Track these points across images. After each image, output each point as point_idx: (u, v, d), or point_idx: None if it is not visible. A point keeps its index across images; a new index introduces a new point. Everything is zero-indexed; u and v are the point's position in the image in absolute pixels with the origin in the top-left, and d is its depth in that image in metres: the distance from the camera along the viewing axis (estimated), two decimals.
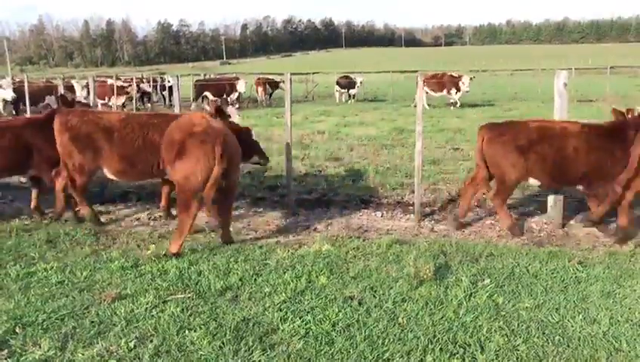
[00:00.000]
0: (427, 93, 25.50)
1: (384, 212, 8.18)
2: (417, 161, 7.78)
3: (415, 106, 24.22)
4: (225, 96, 27.69)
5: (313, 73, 42.29)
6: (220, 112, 7.30)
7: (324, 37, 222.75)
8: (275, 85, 31.87)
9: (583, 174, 6.86)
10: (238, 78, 28.81)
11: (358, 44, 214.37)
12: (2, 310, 4.86)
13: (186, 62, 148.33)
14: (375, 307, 4.86)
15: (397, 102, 28.96)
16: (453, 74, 26.72)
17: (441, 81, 26.01)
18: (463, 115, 21.53)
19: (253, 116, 23.04)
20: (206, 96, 27.52)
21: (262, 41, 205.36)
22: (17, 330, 4.50)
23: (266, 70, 51.05)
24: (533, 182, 7.17)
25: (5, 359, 4.06)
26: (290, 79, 8.07)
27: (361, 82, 31.43)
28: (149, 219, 8.10)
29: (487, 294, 5.09)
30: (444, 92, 25.93)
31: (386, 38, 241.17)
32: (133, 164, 7.15)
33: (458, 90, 25.46)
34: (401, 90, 34.14)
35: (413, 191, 8.20)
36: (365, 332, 4.41)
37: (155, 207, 8.52)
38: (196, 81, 30.24)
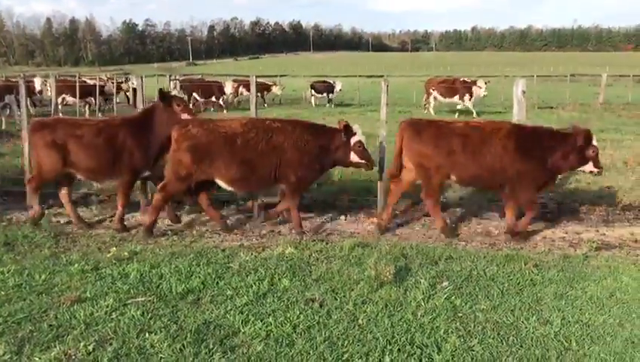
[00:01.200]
0: (436, 98, 25.04)
1: (348, 215, 8.26)
2: (380, 165, 7.90)
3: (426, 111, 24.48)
4: (214, 98, 27.94)
5: (280, 76, 42.34)
6: (347, 129, 7.19)
7: (292, 40, 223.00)
8: (266, 88, 31.81)
9: (503, 178, 7.08)
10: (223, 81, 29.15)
11: (326, 48, 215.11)
12: None
13: (152, 63, 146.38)
14: (336, 309, 4.92)
15: (363, 107, 29.17)
16: (466, 79, 25.66)
17: (453, 87, 24.88)
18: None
19: (220, 116, 22.95)
20: (195, 98, 27.64)
21: (229, 43, 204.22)
22: None
23: (234, 72, 50.85)
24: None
25: None
26: (256, 82, 8.08)
27: (340, 88, 31.52)
28: (110, 221, 8.01)
29: (446, 296, 5.21)
30: (456, 98, 24.61)
31: (354, 42, 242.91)
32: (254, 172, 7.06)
33: (471, 96, 24.14)
34: (367, 94, 34.35)
35: (376, 196, 8.30)
36: (325, 333, 4.48)
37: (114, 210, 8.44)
38: (182, 81, 30.02)
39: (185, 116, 7.39)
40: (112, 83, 27.81)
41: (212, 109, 27.61)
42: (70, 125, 7.44)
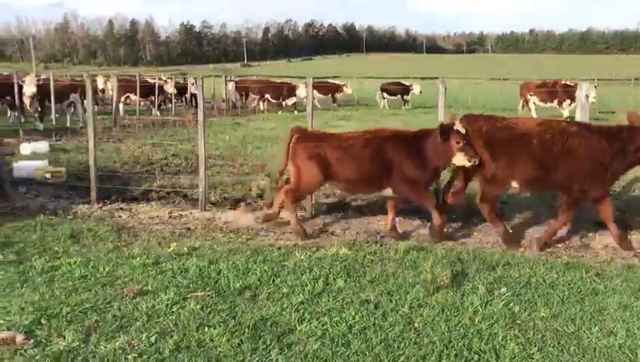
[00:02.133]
0: (535, 103, 23.65)
1: (402, 218, 8.22)
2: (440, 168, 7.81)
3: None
4: (281, 100, 28.23)
5: (333, 77, 42.45)
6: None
7: (345, 42, 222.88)
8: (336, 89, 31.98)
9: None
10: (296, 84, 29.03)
11: (379, 50, 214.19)
12: (28, 301, 5.00)
13: (207, 64, 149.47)
14: (391, 311, 4.91)
15: (418, 108, 28.98)
16: (568, 82, 23.87)
17: (553, 91, 23.32)
18: None
19: (272, 118, 23.24)
20: (266, 98, 28.34)
21: (283, 45, 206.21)
22: (43, 321, 4.63)
23: (287, 73, 51.32)
24: None
25: (32, 348, 4.19)
26: (313, 83, 8.15)
27: (420, 91, 30.96)
28: (169, 217, 8.24)
29: (504, 302, 5.12)
30: (555, 103, 23.17)
31: (407, 44, 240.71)
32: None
33: (573, 100, 21.66)
34: (421, 96, 34.05)
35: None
36: (381, 335, 4.47)
37: (173, 206, 8.70)
38: (255, 82, 30.64)
39: (460, 156, 6.87)
40: (175, 82, 28.44)
41: (280, 111, 27.66)
42: (335, 138, 7.50)
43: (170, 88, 27.01)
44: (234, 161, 12.37)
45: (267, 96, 28.48)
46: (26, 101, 19.73)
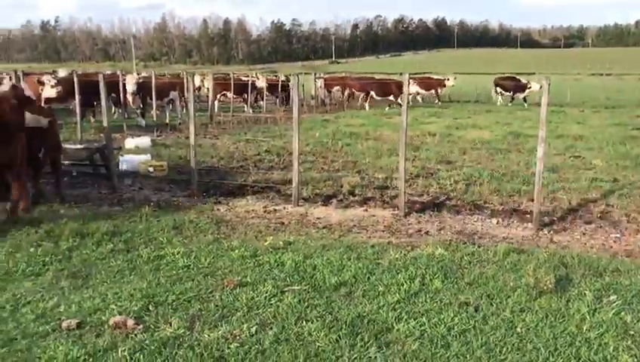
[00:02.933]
0: None
1: (499, 219, 7.96)
2: (539, 168, 7.50)
3: None
4: (392, 97, 27.16)
5: (423, 73, 41.78)
6: None
7: (436, 37, 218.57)
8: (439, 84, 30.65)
9: None
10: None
11: (471, 45, 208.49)
12: (137, 288, 5.28)
13: (296, 61, 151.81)
14: (492, 315, 4.76)
15: (512, 105, 27.94)
16: None
17: None
18: (585, 121, 20.39)
19: (361, 116, 23.22)
20: (372, 96, 27.76)
21: (371, 41, 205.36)
22: (150, 308, 4.88)
23: (376, 70, 51.05)
24: None
25: (142, 333, 4.42)
26: (429, 78, 8.04)
27: (540, 87, 29.05)
28: (264, 211, 8.43)
29: (614, 311, 4.82)
30: None
31: (501, 39, 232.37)
32: None
33: None
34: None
35: (531, 199, 7.93)
36: (482, 339, 4.35)
37: (267, 201, 8.89)
38: (359, 79, 30.53)
39: None
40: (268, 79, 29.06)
41: (388, 107, 26.78)
42: None
43: (261, 84, 27.63)
44: (325, 158, 12.50)
45: (372, 93, 27.65)
46: (129, 98, 20.89)
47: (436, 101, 29.62)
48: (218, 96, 25.45)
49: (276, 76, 33.00)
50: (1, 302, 4.96)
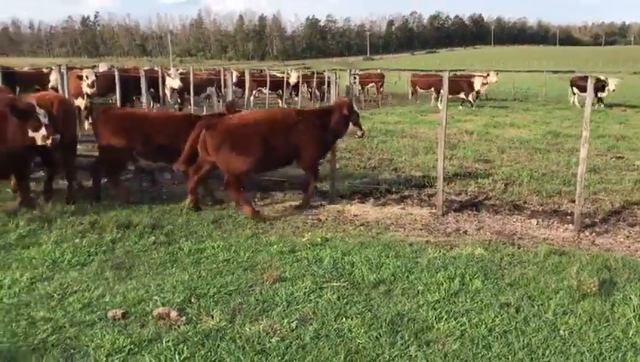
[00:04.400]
0: None
1: (539, 219, 7.83)
2: (581, 169, 7.35)
3: None
4: (462, 95, 25.94)
5: (458, 70, 41.30)
6: None
7: (472, 34, 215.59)
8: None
9: None
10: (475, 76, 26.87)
11: (508, 42, 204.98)
12: (179, 280, 5.38)
13: (330, 57, 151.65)
14: (534, 316, 4.70)
15: (549, 104, 27.40)
16: None
17: None
18: (627, 121, 19.88)
19: (396, 113, 23.09)
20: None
21: (406, 37, 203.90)
22: (192, 300, 4.97)
23: (411, 66, 50.75)
24: None
25: (184, 325, 4.51)
26: (449, 77, 7.98)
27: (614, 88, 26.04)
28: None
29: None
30: None
31: (539, 36, 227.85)
32: None
33: None
34: (554, 91, 32.21)
35: (572, 200, 7.78)
36: (524, 340, 4.30)
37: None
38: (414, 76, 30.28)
39: None
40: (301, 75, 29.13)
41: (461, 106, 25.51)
42: None
43: (294, 80, 27.73)
44: (360, 155, 12.49)
45: (442, 91, 26.99)
46: (168, 93, 21.19)
47: (476, 99, 28.70)
48: (254, 92, 25.63)
49: (312, 72, 32.95)
50: (50, 291, 5.12)
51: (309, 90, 30.46)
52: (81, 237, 6.60)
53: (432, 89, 27.15)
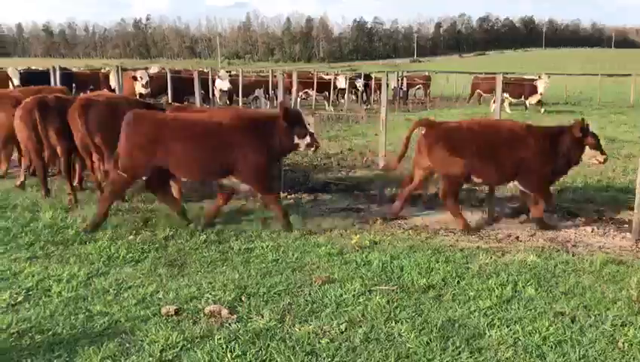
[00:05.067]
0: None
1: (595, 227, 7.59)
2: None
3: None
4: (523, 98, 25.01)
5: (508, 73, 40.43)
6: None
7: (523, 36, 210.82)
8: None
9: None
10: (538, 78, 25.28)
11: (560, 45, 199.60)
12: (229, 279, 5.47)
13: (377, 60, 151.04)
14: (590, 327, 4.56)
15: (604, 108, 26.53)
16: None
17: None
18: None
19: (444, 115, 22.79)
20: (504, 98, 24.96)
21: (455, 40, 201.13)
22: (243, 299, 5.04)
23: (459, 69, 49.93)
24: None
25: (235, 323, 4.57)
26: (502, 80, 7.85)
27: None
28: (349, 210, 8.46)
29: None
30: None
31: (594, 38, 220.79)
32: None
33: None
34: (608, 95, 31.17)
35: (630, 208, 7.51)
36: (580, 351, 4.18)
37: (352, 199, 8.93)
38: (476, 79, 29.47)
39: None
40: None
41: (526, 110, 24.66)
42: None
43: (342, 85, 27.71)
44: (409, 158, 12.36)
45: (505, 95, 24.46)
46: (217, 94, 21.59)
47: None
48: (300, 93, 25.79)
49: (359, 75, 32.88)
50: (106, 286, 5.28)
51: (356, 92, 30.41)
52: (135, 234, 6.78)
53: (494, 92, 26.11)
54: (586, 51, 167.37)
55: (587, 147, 7.33)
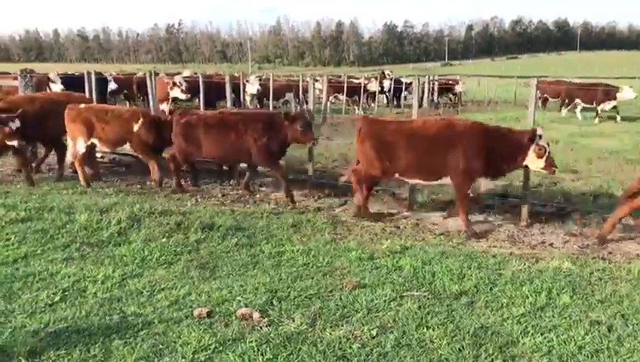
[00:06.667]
0: None
1: (632, 235, 7.42)
2: None
3: None
4: (595, 104, 22.82)
5: (540, 77, 39.75)
6: None
7: (556, 39, 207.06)
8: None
9: None
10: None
11: (595, 47, 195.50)
12: (260, 282, 5.49)
13: (408, 63, 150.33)
14: (628, 336, 4.45)
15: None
16: None
17: None
18: None
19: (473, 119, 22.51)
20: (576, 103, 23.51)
21: (486, 43, 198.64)
22: (274, 302, 5.06)
23: (491, 72, 49.44)
24: None
25: (267, 326, 4.59)
26: (537, 84, 7.74)
27: None
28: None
29: None
30: None
31: (630, 41, 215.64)
32: None
33: None
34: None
35: None
36: (617, 361, 4.08)
37: (382, 204, 8.89)
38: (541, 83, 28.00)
39: None
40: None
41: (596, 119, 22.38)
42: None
43: (374, 88, 27.66)
44: None
45: (578, 100, 23.30)
46: (247, 98, 21.77)
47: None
48: (330, 97, 25.82)
49: (391, 78, 32.76)
50: (139, 287, 5.35)
51: (386, 95, 30.34)
52: (167, 236, 6.86)
53: (560, 97, 24.48)
54: (621, 54, 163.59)
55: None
